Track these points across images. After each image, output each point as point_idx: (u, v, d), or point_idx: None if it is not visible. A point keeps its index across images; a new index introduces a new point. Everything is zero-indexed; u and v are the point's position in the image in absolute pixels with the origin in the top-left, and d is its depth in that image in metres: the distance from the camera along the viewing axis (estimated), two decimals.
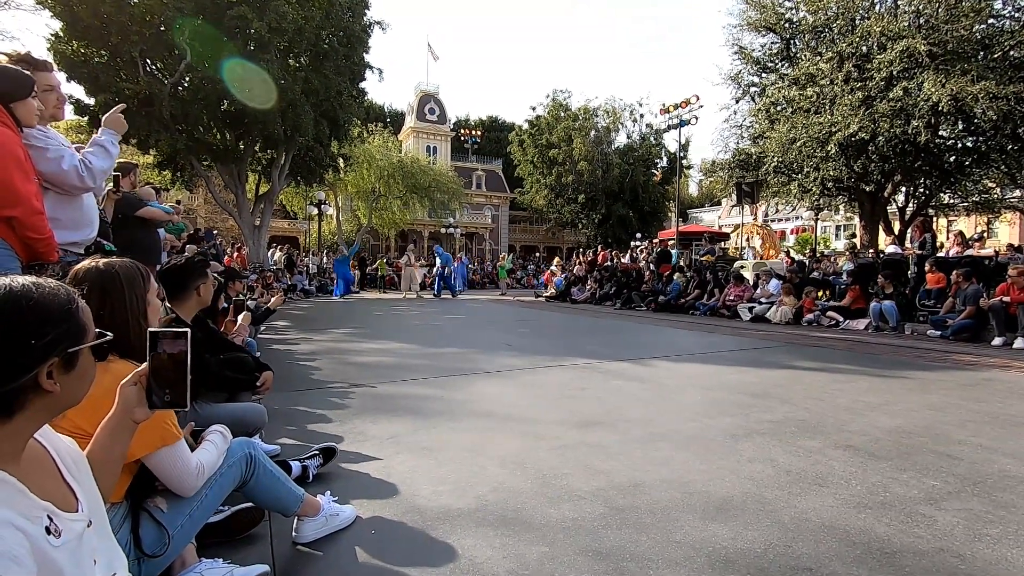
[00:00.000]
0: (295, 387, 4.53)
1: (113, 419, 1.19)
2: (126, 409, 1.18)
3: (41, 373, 0.87)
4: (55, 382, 0.89)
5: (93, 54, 15.20)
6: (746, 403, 4.02)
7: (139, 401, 1.18)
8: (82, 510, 0.98)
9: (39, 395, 0.88)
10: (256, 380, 2.78)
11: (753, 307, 10.69)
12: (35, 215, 2.29)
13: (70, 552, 0.89)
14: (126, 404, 1.18)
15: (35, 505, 0.87)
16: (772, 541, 1.94)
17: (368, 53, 20.11)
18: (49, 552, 0.84)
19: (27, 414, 0.88)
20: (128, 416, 1.19)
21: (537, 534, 2.01)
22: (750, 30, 17.89)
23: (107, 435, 1.19)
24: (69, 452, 1.05)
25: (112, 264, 1.61)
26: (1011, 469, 2.66)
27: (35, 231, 2.30)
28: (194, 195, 32.42)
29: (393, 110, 51.49)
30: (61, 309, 0.91)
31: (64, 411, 0.97)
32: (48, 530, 0.86)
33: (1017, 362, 5.97)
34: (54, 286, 0.92)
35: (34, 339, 0.85)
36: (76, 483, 1.01)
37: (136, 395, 1.18)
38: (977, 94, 11.90)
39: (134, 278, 1.62)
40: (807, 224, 30.03)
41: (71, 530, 0.91)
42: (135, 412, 1.19)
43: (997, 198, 17.67)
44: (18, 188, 2.22)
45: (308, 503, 1.96)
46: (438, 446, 3.03)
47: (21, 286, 0.87)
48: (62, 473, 1.00)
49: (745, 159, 18.27)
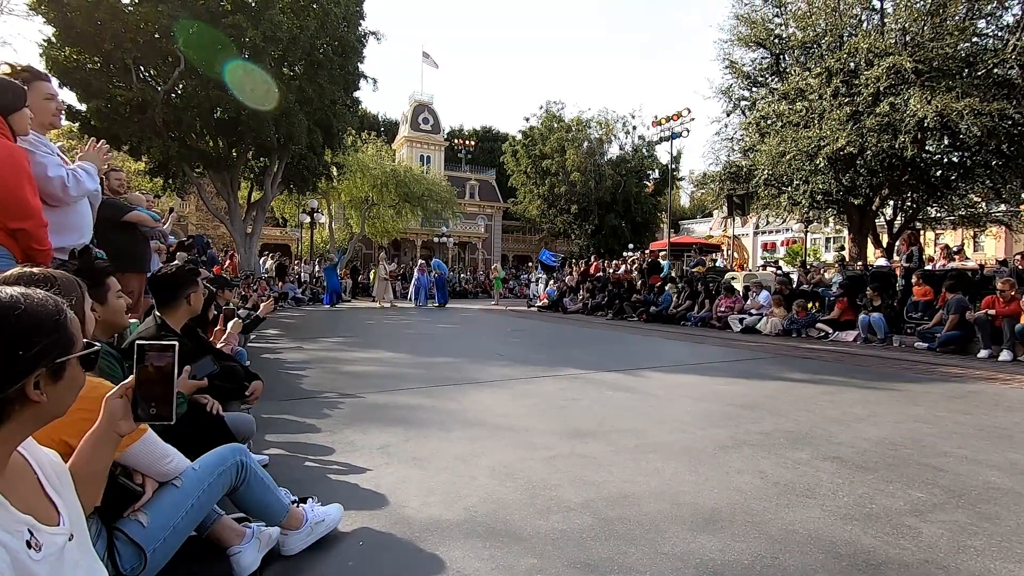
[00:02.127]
0: (285, 396, 4.51)
1: (97, 432, 1.18)
2: (111, 422, 1.17)
3: (28, 384, 0.86)
4: (42, 392, 0.88)
5: (86, 60, 15.15)
6: (736, 414, 4.04)
7: (124, 414, 1.17)
8: (63, 524, 0.97)
9: (26, 406, 0.87)
10: (245, 390, 2.76)
11: (744, 318, 10.76)
12: (42, 228, 2.33)
13: (50, 566, 0.88)
14: (111, 417, 1.17)
15: (15, 519, 0.86)
16: (760, 553, 1.95)
17: (363, 63, 20.19)
18: (29, 566, 0.84)
19: (12, 425, 0.87)
20: (113, 429, 1.18)
21: (526, 546, 2.01)
22: (741, 45, 18.16)
23: (91, 448, 1.18)
24: (51, 464, 1.04)
25: (51, 272, 1.56)
26: (995, 481, 2.69)
27: (40, 243, 2.34)
28: (186, 202, 32.23)
29: (387, 119, 51.63)
30: (50, 320, 0.90)
31: (50, 422, 0.96)
32: (28, 544, 0.85)
33: (1002, 374, 6.04)
34: (43, 296, 0.92)
35: (22, 350, 0.85)
36: (58, 496, 1.00)
37: (122, 408, 1.17)
38: (962, 110, 12.12)
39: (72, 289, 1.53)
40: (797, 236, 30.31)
41: (52, 544, 0.90)
42: (120, 425, 1.17)
43: (983, 212, 17.94)
44: (29, 201, 2.26)
45: (292, 515, 1.95)
46: (428, 456, 3.03)
47: (9, 297, 0.87)
48: (43, 486, 0.99)
49: (736, 171, 18.47)
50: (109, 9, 14.14)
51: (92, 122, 15.40)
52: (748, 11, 17.59)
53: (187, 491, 1.67)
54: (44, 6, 13.95)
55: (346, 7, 18.35)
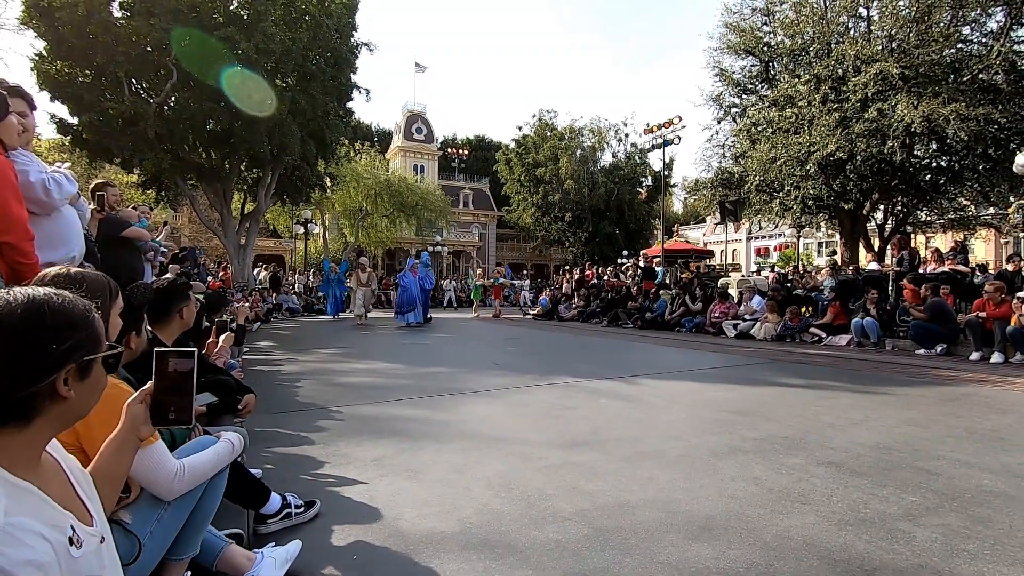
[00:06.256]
0: (279, 409, 4.48)
1: (119, 437, 1.20)
2: (133, 426, 1.20)
3: (59, 379, 0.88)
4: (70, 389, 0.90)
5: (77, 74, 15.13)
6: (730, 421, 4.04)
7: (145, 419, 1.20)
8: (96, 525, 0.98)
9: (55, 402, 0.89)
10: (238, 403, 2.75)
11: (738, 324, 10.79)
12: (27, 240, 2.28)
13: (88, 565, 0.89)
14: (133, 422, 1.19)
15: (59, 515, 0.88)
16: (755, 560, 1.95)
17: (355, 73, 20.25)
18: (71, 563, 0.85)
19: (43, 421, 0.89)
20: (134, 433, 1.20)
21: (521, 557, 2.00)
22: (730, 53, 18.39)
23: (112, 452, 1.20)
24: (78, 468, 1.06)
25: (82, 272, 1.58)
26: (988, 484, 2.70)
27: (25, 256, 2.28)
28: (179, 214, 32.13)
29: (380, 129, 51.79)
30: (81, 316, 0.93)
31: (75, 422, 0.98)
32: (71, 540, 0.86)
33: (994, 376, 6.08)
34: (72, 296, 0.95)
35: (55, 343, 0.87)
36: (87, 498, 1.02)
37: (143, 413, 1.20)
38: (948, 115, 12.29)
39: (102, 291, 1.55)
40: (790, 241, 30.52)
41: (90, 543, 0.92)
42: (141, 429, 1.20)
43: (972, 215, 18.15)
44: (13, 213, 2.21)
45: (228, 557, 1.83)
46: (423, 468, 3.01)
47: (43, 293, 0.90)
48: (75, 487, 1.00)
49: (728, 178, 18.63)
50: (101, 23, 14.15)
51: (84, 135, 15.38)
52: (737, 20, 17.85)
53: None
54: (35, 20, 13.95)
55: (338, 19, 18.43)
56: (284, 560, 1.88)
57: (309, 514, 2.35)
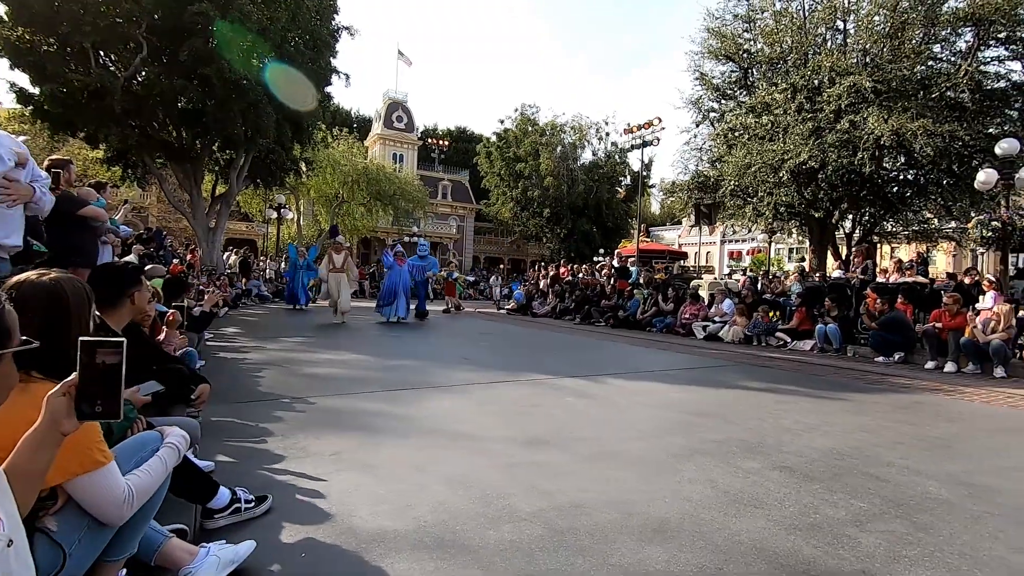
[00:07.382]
0: (239, 399, 4.37)
1: (38, 431, 1.12)
2: (53, 420, 1.12)
3: None
4: None
5: (41, 42, 14.45)
6: (692, 422, 4.10)
7: (68, 412, 1.12)
8: (3, 528, 0.93)
9: None
10: (191, 393, 2.67)
11: (707, 325, 10.97)
12: None
13: None
14: (53, 415, 1.12)
15: None
16: (704, 564, 1.98)
17: (335, 58, 19.84)
18: None
19: None
20: (55, 428, 1.12)
21: (472, 557, 1.99)
22: (711, 58, 18.61)
23: (30, 448, 1.12)
24: None
25: (58, 281, 1.48)
26: (932, 491, 2.79)
27: None
28: (147, 193, 31.10)
29: (360, 116, 50.94)
30: None
31: None
32: None
33: (946, 385, 6.30)
34: None
35: None
36: None
37: (65, 406, 1.12)
38: (916, 131, 12.67)
39: (81, 299, 1.50)
40: (762, 246, 31.15)
41: None
42: (63, 423, 1.13)
43: (935, 228, 18.76)
44: None
45: (168, 552, 1.77)
46: (382, 464, 2.97)
47: None
48: None
49: (704, 181, 18.87)
50: None
51: (46, 107, 14.72)
52: (719, 25, 18.05)
53: None
54: None
55: (319, 0, 18.03)
56: (230, 560, 1.82)
57: (260, 509, 2.29)
